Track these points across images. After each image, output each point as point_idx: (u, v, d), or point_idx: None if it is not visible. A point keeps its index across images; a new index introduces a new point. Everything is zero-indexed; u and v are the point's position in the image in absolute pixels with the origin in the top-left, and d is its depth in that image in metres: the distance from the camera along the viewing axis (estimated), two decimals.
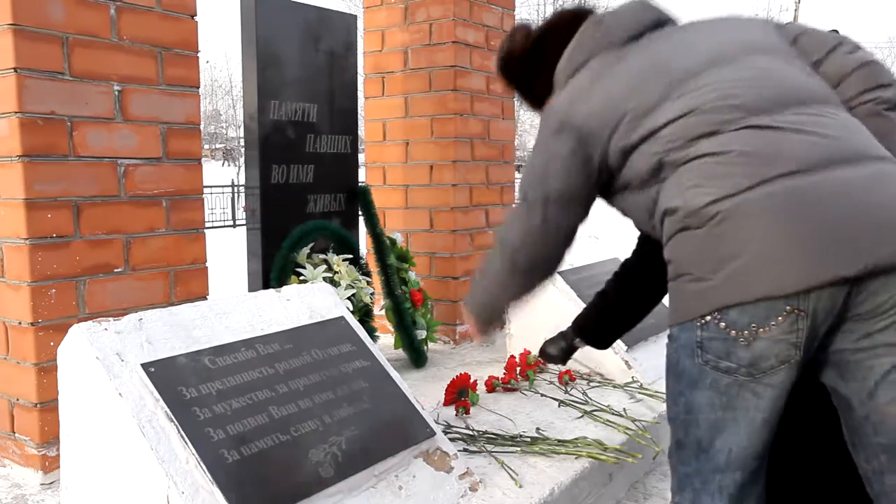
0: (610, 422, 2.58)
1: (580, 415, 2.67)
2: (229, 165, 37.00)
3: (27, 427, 2.22)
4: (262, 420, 1.75)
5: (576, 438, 2.42)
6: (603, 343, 2.44)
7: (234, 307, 1.99)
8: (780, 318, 1.21)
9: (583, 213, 1.57)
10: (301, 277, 3.04)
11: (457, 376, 2.80)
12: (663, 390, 3.14)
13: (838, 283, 1.18)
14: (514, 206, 1.57)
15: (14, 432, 2.26)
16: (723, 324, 1.26)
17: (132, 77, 2.36)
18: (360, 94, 3.73)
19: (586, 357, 3.10)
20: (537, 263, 1.63)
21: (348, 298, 3.06)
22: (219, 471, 1.58)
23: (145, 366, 1.69)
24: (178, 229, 2.51)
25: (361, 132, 4.02)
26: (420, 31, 3.88)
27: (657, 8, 1.58)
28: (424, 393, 2.93)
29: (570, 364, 3.16)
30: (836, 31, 1.64)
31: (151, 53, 2.41)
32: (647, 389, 2.90)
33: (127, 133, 2.36)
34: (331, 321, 2.16)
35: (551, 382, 3.06)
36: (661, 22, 1.55)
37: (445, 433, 2.30)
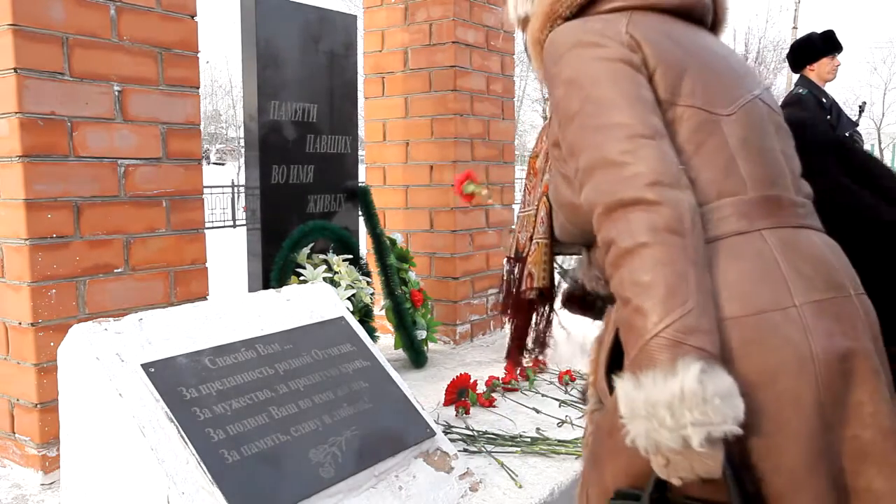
0: None
1: (580, 415, 2.67)
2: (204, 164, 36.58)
3: (27, 427, 2.22)
4: (262, 420, 1.75)
5: (576, 438, 2.42)
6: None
7: (234, 307, 1.99)
8: None
9: None
10: (301, 277, 3.04)
11: (457, 376, 2.80)
12: None
13: None
14: None
15: (14, 432, 2.26)
16: None
17: (132, 77, 2.36)
18: (360, 94, 3.73)
19: (587, 356, 3.09)
20: None
21: (348, 298, 3.06)
22: (219, 471, 1.58)
23: (145, 366, 1.69)
24: (178, 229, 2.51)
25: (361, 132, 4.01)
26: (420, 31, 3.88)
27: None
28: (424, 393, 2.93)
29: (571, 364, 3.16)
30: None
31: (151, 53, 2.41)
32: None
33: (127, 133, 2.36)
34: (331, 321, 2.16)
35: (551, 382, 3.06)
36: None
37: (445, 433, 2.30)
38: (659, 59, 1.10)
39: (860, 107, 4.40)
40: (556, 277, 1.45)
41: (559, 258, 1.51)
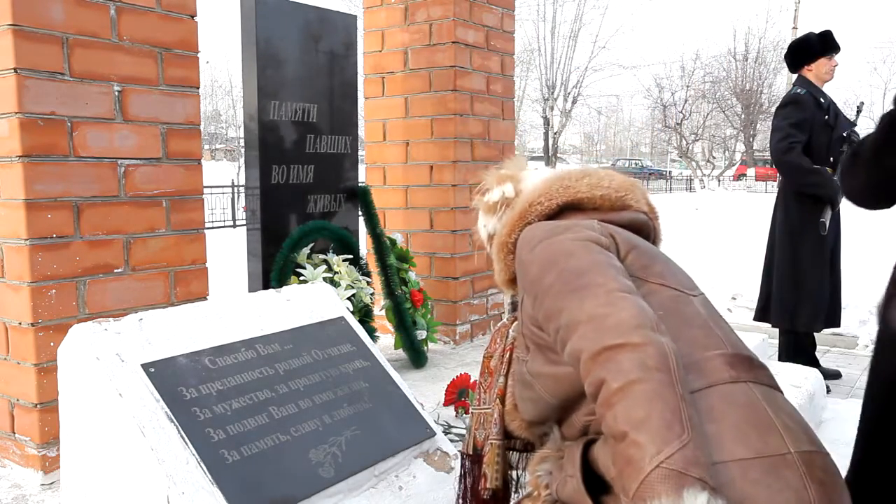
0: None
1: None
2: None
3: (27, 427, 2.22)
4: (263, 420, 1.75)
5: None
6: None
7: (234, 307, 1.99)
8: None
9: None
10: (301, 277, 3.04)
11: (457, 376, 2.80)
12: None
13: None
14: None
15: (14, 432, 2.26)
16: None
17: (132, 77, 2.36)
18: (361, 94, 3.73)
19: None
20: None
21: (348, 298, 3.06)
22: (219, 471, 1.58)
23: (145, 366, 1.69)
24: (178, 229, 2.51)
25: (361, 132, 4.01)
26: (420, 31, 3.88)
27: None
28: (424, 393, 2.93)
29: None
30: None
31: (151, 53, 2.41)
32: None
33: (127, 133, 2.36)
34: (331, 321, 2.16)
35: None
36: None
37: (445, 433, 2.30)
38: (630, 245, 1.26)
39: (858, 107, 4.39)
40: (511, 478, 1.55)
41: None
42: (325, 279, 3.05)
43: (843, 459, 1.42)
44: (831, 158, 3.90)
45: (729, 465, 1.00)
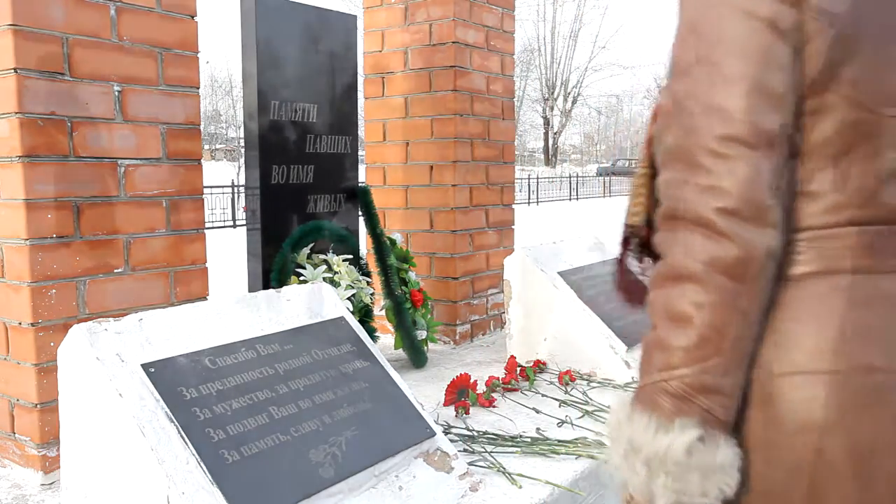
0: None
1: (581, 415, 2.67)
2: None
3: (27, 427, 2.22)
4: (263, 420, 1.75)
5: (576, 438, 2.42)
6: None
7: (234, 307, 1.99)
8: None
9: None
10: (301, 277, 3.04)
11: (457, 376, 2.80)
12: None
13: None
14: None
15: (14, 433, 2.26)
16: None
17: (132, 77, 2.36)
18: (360, 94, 3.73)
19: (586, 357, 3.10)
20: None
21: (348, 298, 3.06)
22: (219, 471, 1.58)
23: (145, 366, 1.69)
24: (178, 229, 2.51)
25: (361, 132, 4.02)
26: (420, 31, 3.88)
27: None
28: (424, 393, 2.93)
29: (571, 364, 3.16)
30: None
31: (151, 54, 2.41)
32: None
33: (127, 133, 2.36)
34: (331, 321, 2.16)
35: (551, 383, 3.06)
36: None
37: (445, 433, 2.30)
38: (826, 21, 0.83)
39: None
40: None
41: None
42: (325, 279, 3.05)
43: None
44: None
45: (795, 378, 0.84)
